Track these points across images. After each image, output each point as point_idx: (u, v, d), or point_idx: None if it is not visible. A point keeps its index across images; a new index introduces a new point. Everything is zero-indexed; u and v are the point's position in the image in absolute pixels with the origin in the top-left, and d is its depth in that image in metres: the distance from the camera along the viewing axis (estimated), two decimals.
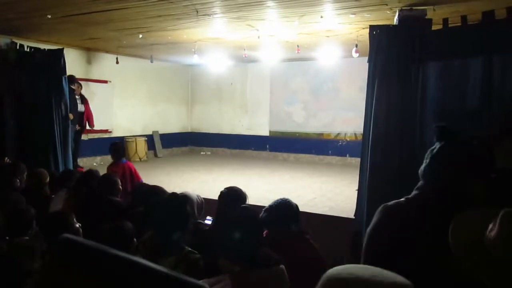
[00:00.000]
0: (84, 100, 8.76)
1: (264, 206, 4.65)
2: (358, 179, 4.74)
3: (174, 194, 2.49)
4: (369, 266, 0.87)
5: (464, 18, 4.00)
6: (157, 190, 3.38)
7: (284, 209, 3.23)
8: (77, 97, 8.51)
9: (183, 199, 2.45)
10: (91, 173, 4.26)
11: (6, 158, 5.96)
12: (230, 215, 2.34)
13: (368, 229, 1.60)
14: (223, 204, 3.31)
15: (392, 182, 4.15)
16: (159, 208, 2.38)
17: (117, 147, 5.62)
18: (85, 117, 8.73)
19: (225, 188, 3.49)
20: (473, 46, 3.89)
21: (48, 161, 6.78)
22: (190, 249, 2.27)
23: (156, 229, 2.35)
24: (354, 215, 4.77)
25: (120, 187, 3.97)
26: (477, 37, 3.86)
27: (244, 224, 1.98)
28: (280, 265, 1.88)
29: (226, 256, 1.83)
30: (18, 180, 4.38)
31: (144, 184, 3.74)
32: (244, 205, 3.14)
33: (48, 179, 4.54)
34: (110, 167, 5.34)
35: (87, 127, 8.96)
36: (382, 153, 4.23)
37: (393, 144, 4.20)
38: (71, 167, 7.19)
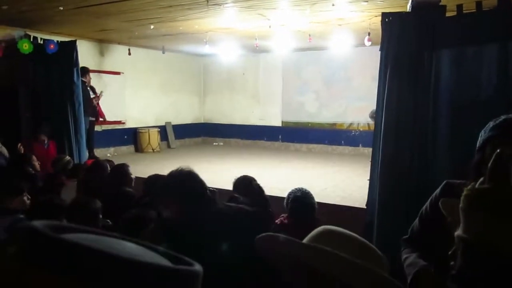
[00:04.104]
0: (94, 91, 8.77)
1: (276, 196, 4.69)
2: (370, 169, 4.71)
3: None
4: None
5: (479, 4, 3.90)
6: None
7: (301, 201, 3.30)
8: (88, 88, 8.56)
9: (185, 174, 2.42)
10: (100, 164, 4.32)
11: (19, 145, 6.09)
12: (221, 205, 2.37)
13: None
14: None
15: (404, 172, 4.11)
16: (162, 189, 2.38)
17: None
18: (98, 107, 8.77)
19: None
20: (488, 32, 3.79)
21: (63, 152, 6.89)
22: None
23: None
24: (366, 205, 4.74)
25: (133, 177, 4.01)
26: (492, 24, 3.77)
27: (233, 214, 2.00)
28: None
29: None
30: (30, 168, 4.48)
31: (155, 174, 3.76)
32: (236, 195, 3.19)
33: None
34: None
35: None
36: (394, 143, 4.18)
37: (406, 133, 4.14)
38: (85, 157, 7.29)
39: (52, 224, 0.54)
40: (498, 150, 0.95)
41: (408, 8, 4.50)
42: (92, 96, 8.44)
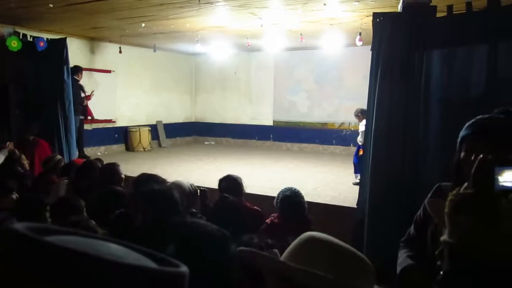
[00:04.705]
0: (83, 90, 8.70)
1: (267, 195, 4.69)
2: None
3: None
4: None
5: (469, 4, 3.94)
6: (156, 179, 3.37)
7: (290, 200, 3.31)
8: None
9: (168, 187, 2.42)
10: (91, 163, 4.29)
11: (8, 143, 6.01)
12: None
13: None
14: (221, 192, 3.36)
15: (395, 171, 4.13)
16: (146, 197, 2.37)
17: None
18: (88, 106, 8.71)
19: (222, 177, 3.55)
20: (478, 33, 3.83)
21: (53, 150, 6.83)
22: None
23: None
24: (357, 204, 4.76)
25: (123, 176, 3.99)
26: (482, 24, 3.80)
27: (223, 213, 1.99)
28: (274, 249, 1.87)
29: None
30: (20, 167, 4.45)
31: (144, 173, 3.74)
32: (225, 194, 3.18)
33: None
34: None
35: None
36: (385, 142, 4.20)
37: (396, 133, 4.16)
38: (75, 155, 7.24)
39: (35, 226, 0.53)
40: (481, 155, 0.95)
41: (399, 8, 4.52)
42: (82, 95, 8.38)
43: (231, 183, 3.67)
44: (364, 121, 6.74)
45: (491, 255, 0.91)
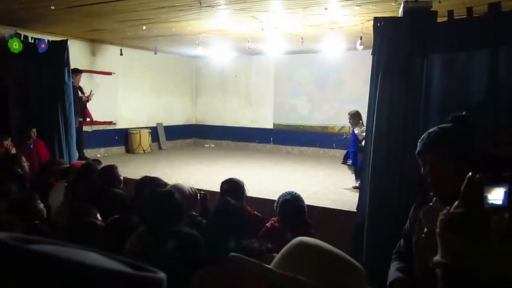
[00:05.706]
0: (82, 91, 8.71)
1: (267, 199, 4.69)
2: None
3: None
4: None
5: (469, 10, 3.94)
6: (158, 182, 3.37)
7: (290, 204, 3.31)
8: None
9: (170, 191, 2.42)
10: (90, 165, 4.28)
11: (6, 143, 6.01)
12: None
13: None
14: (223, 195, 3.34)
15: (395, 176, 4.13)
16: (149, 202, 2.36)
17: None
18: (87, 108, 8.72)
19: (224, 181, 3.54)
20: (478, 38, 3.83)
21: (53, 152, 6.83)
22: None
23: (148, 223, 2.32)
24: (356, 208, 4.75)
25: (122, 178, 3.98)
26: (483, 30, 3.81)
27: (225, 216, 1.99)
28: (273, 253, 1.87)
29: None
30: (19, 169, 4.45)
31: (146, 176, 3.74)
32: (227, 197, 3.17)
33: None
34: None
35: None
36: (385, 147, 4.20)
37: (397, 138, 4.16)
38: (75, 157, 7.24)
39: (17, 236, 0.55)
40: (470, 173, 0.96)
41: (400, 13, 4.53)
42: (80, 95, 8.38)
43: (233, 186, 3.67)
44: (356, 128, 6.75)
45: (484, 273, 0.91)
